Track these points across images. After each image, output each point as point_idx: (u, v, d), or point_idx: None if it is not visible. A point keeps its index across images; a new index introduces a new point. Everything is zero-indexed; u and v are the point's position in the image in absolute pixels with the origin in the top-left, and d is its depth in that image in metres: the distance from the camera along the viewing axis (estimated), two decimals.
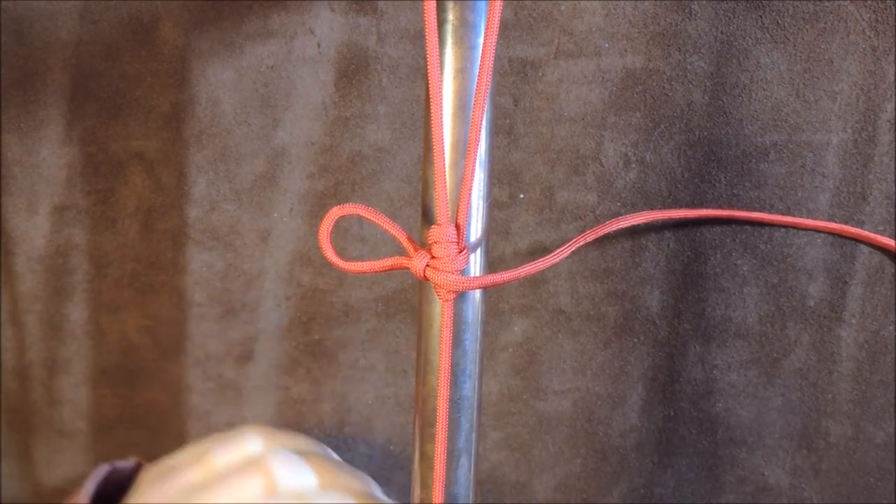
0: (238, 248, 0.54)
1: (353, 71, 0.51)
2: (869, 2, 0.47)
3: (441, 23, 0.34)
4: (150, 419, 0.58)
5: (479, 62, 0.33)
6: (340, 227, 0.53)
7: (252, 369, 0.56)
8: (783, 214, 0.50)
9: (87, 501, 0.48)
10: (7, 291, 0.56)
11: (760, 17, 0.48)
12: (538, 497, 0.57)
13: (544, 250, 0.52)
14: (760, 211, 0.50)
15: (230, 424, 0.57)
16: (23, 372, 0.58)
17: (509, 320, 0.54)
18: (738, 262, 0.51)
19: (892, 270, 0.51)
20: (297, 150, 0.52)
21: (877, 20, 0.47)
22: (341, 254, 0.42)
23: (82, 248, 0.55)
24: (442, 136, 0.33)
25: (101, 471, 0.50)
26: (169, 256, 0.55)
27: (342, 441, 0.57)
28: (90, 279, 0.55)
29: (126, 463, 0.55)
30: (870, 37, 0.47)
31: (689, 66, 0.49)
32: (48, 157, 0.53)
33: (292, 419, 0.57)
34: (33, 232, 0.55)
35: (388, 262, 0.36)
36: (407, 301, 0.54)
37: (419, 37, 0.50)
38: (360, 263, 0.36)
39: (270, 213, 0.53)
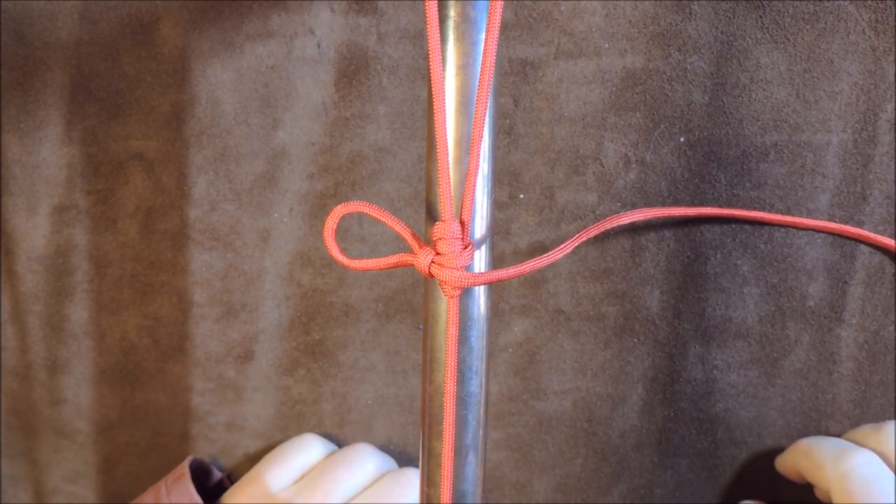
0: (238, 248, 0.54)
1: (353, 71, 0.51)
2: (869, 2, 0.47)
3: (442, 19, 0.34)
4: (150, 419, 0.58)
5: (480, 58, 0.33)
6: (340, 228, 0.53)
7: (252, 369, 0.56)
8: (783, 214, 0.50)
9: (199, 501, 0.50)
10: (7, 291, 0.56)
11: (760, 17, 0.48)
12: (538, 497, 0.57)
13: (544, 250, 0.52)
14: (760, 211, 0.51)
15: (230, 425, 0.57)
16: (23, 372, 0.57)
17: (509, 320, 0.54)
18: (738, 262, 0.51)
19: (892, 270, 0.51)
20: (297, 151, 0.52)
21: (877, 20, 0.47)
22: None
23: (82, 248, 0.55)
24: (445, 132, 0.33)
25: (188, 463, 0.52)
26: (169, 256, 0.54)
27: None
28: (90, 279, 0.55)
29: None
30: (870, 37, 0.47)
31: (689, 66, 0.49)
32: (48, 157, 0.53)
33: (292, 419, 0.57)
34: (33, 232, 0.55)
35: (392, 259, 0.36)
36: (407, 301, 0.54)
37: (419, 37, 0.50)
38: (364, 261, 0.36)
39: (270, 213, 0.53)
